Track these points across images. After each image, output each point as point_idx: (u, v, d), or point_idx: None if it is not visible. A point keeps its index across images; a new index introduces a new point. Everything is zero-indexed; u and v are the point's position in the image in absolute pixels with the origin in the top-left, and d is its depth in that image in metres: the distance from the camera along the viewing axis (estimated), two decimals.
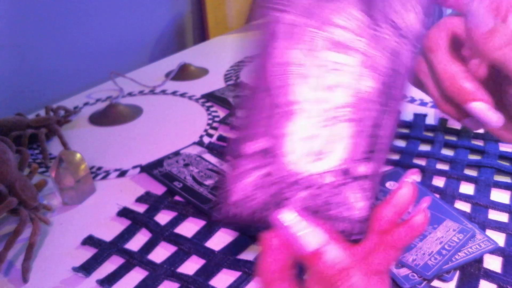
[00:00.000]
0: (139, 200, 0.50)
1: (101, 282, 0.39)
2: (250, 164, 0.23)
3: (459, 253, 0.38)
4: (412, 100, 0.73)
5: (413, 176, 0.24)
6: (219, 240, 0.44)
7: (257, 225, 0.23)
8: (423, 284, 0.36)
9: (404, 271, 0.37)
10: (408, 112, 0.67)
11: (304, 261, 0.22)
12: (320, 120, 0.22)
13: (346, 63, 0.22)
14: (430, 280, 0.37)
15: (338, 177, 0.23)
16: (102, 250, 0.43)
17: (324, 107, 0.22)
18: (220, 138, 0.64)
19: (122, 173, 0.56)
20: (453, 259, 0.38)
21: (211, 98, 0.78)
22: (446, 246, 0.39)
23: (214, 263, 0.41)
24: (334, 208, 0.23)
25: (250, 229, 0.23)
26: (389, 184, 0.48)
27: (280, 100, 0.22)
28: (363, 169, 0.23)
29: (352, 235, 0.23)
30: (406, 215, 0.24)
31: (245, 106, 0.22)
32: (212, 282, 0.39)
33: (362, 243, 0.23)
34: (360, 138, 0.22)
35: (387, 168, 0.54)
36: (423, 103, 0.71)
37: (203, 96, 0.79)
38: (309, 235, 0.21)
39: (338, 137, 0.22)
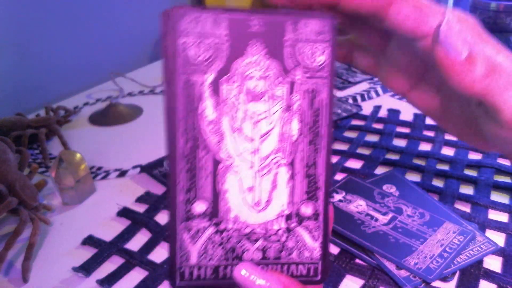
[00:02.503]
0: (139, 200, 0.50)
1: (101, 282, 0.39)
2: (201, 224, 0.24)
3: (461, 256, 0.38)
4: None
5: None
6: None
7: (222, 283, 0.24)
8: (422, 285, 0.36)
9: (404, 273, 0.37)
10: (408, 112, 0.67)
11: None
12: (257, 169, 0.24)
13: (271, 111, 0.24)
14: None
15: (284, 224, 0.24)
16: (102, 250, 0.43)
17: (258, 156, 0.24)
18: None
19: (122, 173, 0.56)
20: (455, 262, 0.38)
21: None
22: (447, 249, 0.39)
23: None
24: (289, 253, 0.24)
25: (217, 287, 0.24)
26: (386, 187, 0.48)
27: (219, 156, 0.23)
28: (306, 210, 0.24)
29: (312, 276, 0.24)
30: None
31: (182, 170, 0.23)
32: None
33: None
34: (296, 181, 0.24)
35: (384, 170, 0.54)
36: None
37: None
38: (269, 286, 0.22)
39: (275, 183, 0.24)
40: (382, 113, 0.69)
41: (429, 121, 0.65)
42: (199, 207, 0.24)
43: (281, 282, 0.23)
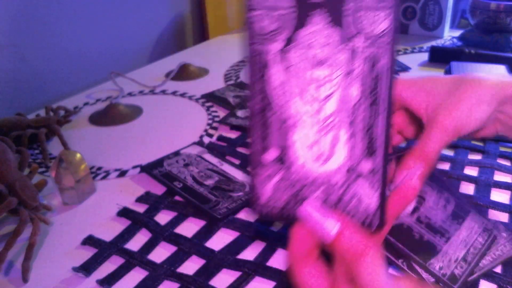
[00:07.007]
0: (139, 200, 0.50)
1: (101, 282, 0.39)
2: (270, 171, 0.27)
3: (484, 260, 0.38)
4: None
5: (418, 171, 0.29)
6: (219, 240, 0.44)
7: (287, 220, 0.28)
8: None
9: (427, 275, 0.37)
10: None
11: (327, 247, 0.26)
12: (319, 128, 0.26)
13: (332, 76, 0.26)
14: None
15: (343, 176, 0.27)
16: (102, 250, 0.43)
17: (320, 117, 0.26)
18: (220, 138, 0.64)
19: (122, 173, 0.56)
20: (480, 267, 0.38)
21: (211, 98, 0.78)
22: (471, 250, 0.38)
23: (214, 263, 0.41)
24: (347, 202, 0.27)
25: (284, 221, 0.30)
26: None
27: (285, 116, 0.27)
28: (364, 166, 0.26)
29: (368, 225, 0.27)
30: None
31: (258, 124, 0.27)
32: (212, 282, 0.39)
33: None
34: (356, 139, 0.26)
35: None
36: None
37: (203, 96, 0.79)
38: (328, 225, 0.26)
39: (336, 141, 0.26)
40: None
41: None
42: (270, 155, 0.27)
43: (339, 221, 0.26)
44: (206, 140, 0.64)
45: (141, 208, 0.49)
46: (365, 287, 0.25)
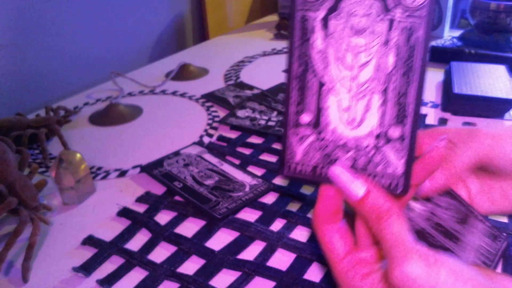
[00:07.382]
0: (139, 200, 0.50)
1: (101, 282, 0.39)
2: (306, 131, 0.29)
3: (488, 261, 0.38)
4: None
5: (443, 142, 0.30)
6: (219, 240, 0.44)
7: (317, 180, 0.29)
8: None
9: None
10: None
11: (353, 206, 0.27)
12: (354, 93, 0.28)
13: (370, 44, 0.27)
14: None
15: (373, 141, 0.28)
16: (102, 250, 0.43)
17: (356, 83, 0.27)
18: (220, 138, 0.64)
19: (122, 173, 0.56)
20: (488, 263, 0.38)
21: (211, 98, 0.78)
22: (480, 254, 0.39)
23: (214, 263, 0.41)
24: (375, 166, 0.28)
25: (313, 181, 0.30)
26: None
27: (324, 80, 0.28)
28: (393, 132, 0.27)
29: (393, 189, 0.28)
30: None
31: (296, 87, 0.28)
32: (212, 282, 0.39)
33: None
34: (387, 106, 0.27)
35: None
36: (423, 103, 0.71)
37: (203, 96, 0.79)
38: (356, 186, 0.27)
39: (369, 107, 0.28)
40: None
41: (428, 121, 0.65)
42: (305, 118, 0.29)
43: (366, 183, 0.27)
44: (206, 140, 0.64)
45: (141, 208, 0.49)
46: (389, 244, 0.25)
